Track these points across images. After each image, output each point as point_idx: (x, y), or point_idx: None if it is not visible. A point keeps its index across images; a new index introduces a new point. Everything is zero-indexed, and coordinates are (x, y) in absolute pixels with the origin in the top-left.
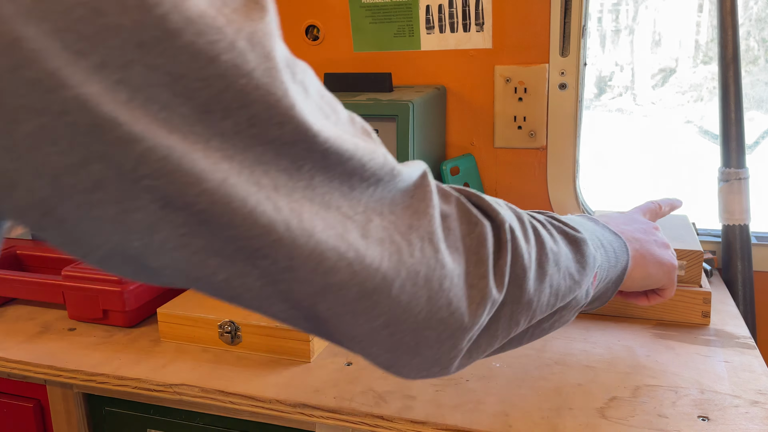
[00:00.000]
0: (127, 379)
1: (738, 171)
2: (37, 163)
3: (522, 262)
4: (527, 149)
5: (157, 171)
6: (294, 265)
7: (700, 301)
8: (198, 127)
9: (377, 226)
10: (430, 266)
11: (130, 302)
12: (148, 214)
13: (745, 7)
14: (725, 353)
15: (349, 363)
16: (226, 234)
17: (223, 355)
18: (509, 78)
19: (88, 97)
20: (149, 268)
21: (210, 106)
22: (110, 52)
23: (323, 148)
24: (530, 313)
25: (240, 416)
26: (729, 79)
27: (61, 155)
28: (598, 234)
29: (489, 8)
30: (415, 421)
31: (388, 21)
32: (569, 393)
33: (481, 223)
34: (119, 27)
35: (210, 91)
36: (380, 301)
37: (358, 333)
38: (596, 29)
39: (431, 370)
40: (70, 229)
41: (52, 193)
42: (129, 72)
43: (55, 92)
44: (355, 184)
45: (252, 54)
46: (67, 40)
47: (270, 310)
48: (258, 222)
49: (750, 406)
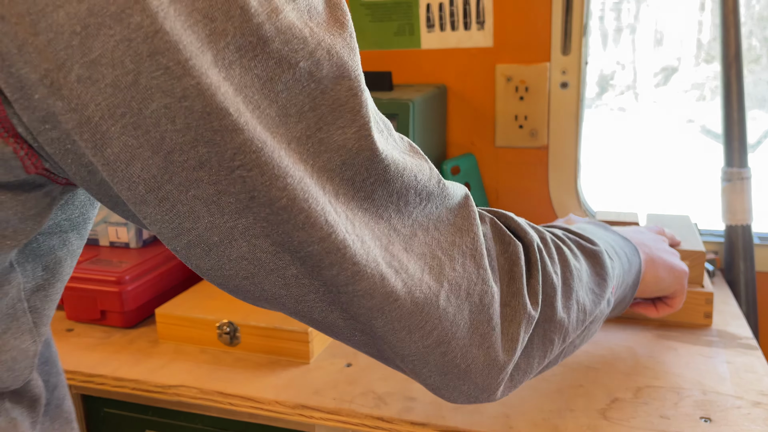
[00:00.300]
0: (126, 380)
1: (740, 171)
2: (156, 139)
3: (551, 281)
4: (528, 148)
5: (251, 162)
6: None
7: (702, 302)
8: (282, 129)
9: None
10: (471, 281)
11: (128, 303)
12: (237, 201)
13: (747, 5)
14: (727, 354)
15: (348, 364)
16: (299, 235)
17: (222, 356)
18: (510, 77)
19: (205, 87)
20: (229, 259)
21: (288, 110)
22: (218, 53)
23: (382, 160)
24: (563, 331)
25: (239, 417)
26: (731, 78)
27: (176, 133)
28: (610, 241)
29: (490, 6)
30: (415, 422)
31: (388, 19)
32: (570, 394)
33: (514, 243)
34: (225, 32)
35: (288, 95)
36: (430, 314)
37: (411, 352)
38: (598, 28)
39: (480, 396)
40: (168, 209)
41: (163, 169)
42: (231, 72)
43: (180, 79)
44: (410, 199)
45: (327, 63)
46: (191, 38)
47: (329, 316)
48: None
49: (752, 407)
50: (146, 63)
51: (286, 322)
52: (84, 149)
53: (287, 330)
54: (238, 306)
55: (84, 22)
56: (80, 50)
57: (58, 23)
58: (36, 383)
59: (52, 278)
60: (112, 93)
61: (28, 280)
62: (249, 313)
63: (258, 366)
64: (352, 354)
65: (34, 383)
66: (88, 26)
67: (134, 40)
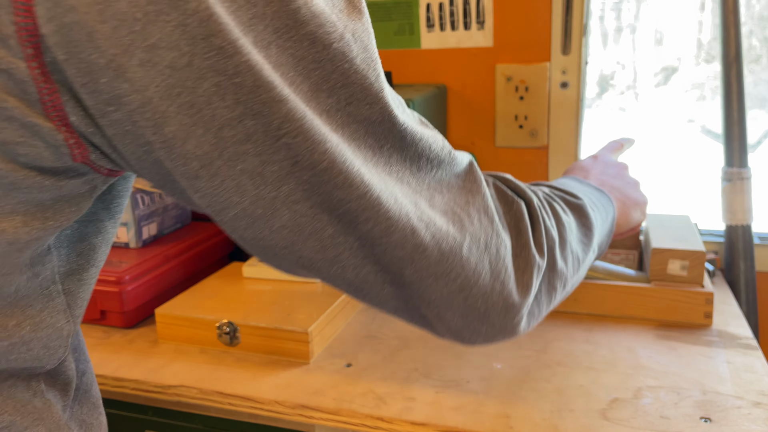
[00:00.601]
0: (126, 381)
1: (741, 171)
2: (208, 116)
3: (551, 234)
4: (528, 148)
5: (296, 130)
6: (390, 230)
7: (702, 302)
8: (313, 102)
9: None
10: (488, 234)
11: (128, 303)
12: (281, 168)
13: (747, 5)
14: (727, 354)
15: (348, 364)
16: (338, 194)
17: (222, 356)
18: (510, 77)
19: (253, 63)
20: (271, 230)
21: (321, 85)
22: (258, 34)
23: (401, 130)
24: (563, 279)
25: (239, 418)
26: (731, 78)
27: (226, 109)
28: (588, 194)
29: (490, 6)
30: (415, 422)
31: (388, 19)
32: (570, 394)
33: (517, 201)
34: (264, 15)
35: (321, 72)
36: (455, 263)
37: (437, 297)
38: (598, 27)
39: (496, 337)
40: (218, 183)
41: (214, 145)
42: (269, 51)
43: (232, 57)
44: (422, 165)
45: (354, 45)
46: (236, 21)
47: (360, 272)
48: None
49: (752, 407)
50: (200, 45)
51: (286, 322)
52: (144, 129)
53: (287, 330)
54: (238, 306)
55: (144, 10)
56: (141, 35)
57: (122, 11)
58: (69, 365)
59: (86, 263)
60: (169, 74)
61: (62, 264)
62: (249, 313)
63: (258, 366)
64: (352, 354)
65: (67, 365)
66: (148, 13)
67: (189, 25)
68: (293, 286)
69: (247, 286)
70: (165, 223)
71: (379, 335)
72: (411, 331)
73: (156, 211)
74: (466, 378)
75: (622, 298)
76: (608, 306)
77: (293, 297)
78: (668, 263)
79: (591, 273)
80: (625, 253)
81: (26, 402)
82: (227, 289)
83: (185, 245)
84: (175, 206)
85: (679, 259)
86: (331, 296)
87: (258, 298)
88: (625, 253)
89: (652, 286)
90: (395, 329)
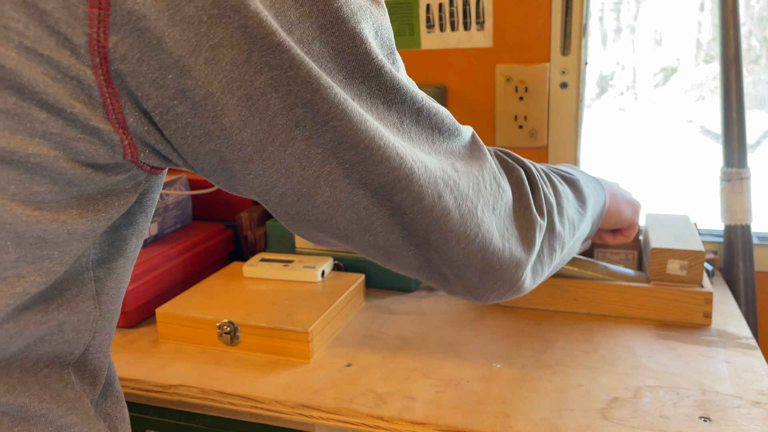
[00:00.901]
0: (126, 380)
1: (740, 171)
2: (263, 106)
3: (549, 199)
4: (528, 148)
5: (340, 114)
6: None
7: (701, 302)
8: (348, 89)
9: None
10: (497, 197)
11: (128, 303)
12: (324, 150)
13: (746, 5)
14: (727, 354)
15: (348, 364)
16: (376, 169)
17: (223, 356)
18: (510, 77)
19: (302, 58)
20: (313, 206)
21: (355, 74)
22: (305, 30)
23: (418, 107)
24: (562, 241)
25: (239, 417)
26: (730, 78)
27: (279, 99)
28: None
29: (490, 7)
30: (415, 422)
31: None
32: (570, 394)
33: (517, 169)
34: (310, 13)
35: (356, 63)
36: (474, 224)
37: (459, 257)
38: (597, 28)
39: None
40: (269, 166)
41: (267, 132)
42: (312, 46)
43: (288, 52)
44: (435, 137)
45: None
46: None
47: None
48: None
49: (751, 406)
50: (258, 43)
51: (286, 321)
52: (204, 120)
53: (287, 330)
54: (239, 306)
55: (209, 13)
56: (206, 36)
57: (190, 15)
58: (95, 355)
59: (116, 253)
60: (230, 70)
61: (95, 252)
62: (249, 312)
63: (258, 366)
64: (352, 354)
65: (94, 354)
66: (212, 16)
67: (249, 26)
68: (293, 286)
69: (247, 286)
70: (165, 223)
71: (379, 335)
72: (411, 331)
73: (156, 211)
74: (466, 378)
75: (621, 298)
76: (608, 306)
77: (293, 297)
78: (667, 263)
79: (591, 273)
80: (625, 253)
81: (60, 391)
82: (228, 288)
83: (186, 245)
84: (176, 206)
85: (679, 259)
86: (331, 296)
87: (258, 298)
88: (625, 253)
89: (651, 286)
90: (395, 329)
